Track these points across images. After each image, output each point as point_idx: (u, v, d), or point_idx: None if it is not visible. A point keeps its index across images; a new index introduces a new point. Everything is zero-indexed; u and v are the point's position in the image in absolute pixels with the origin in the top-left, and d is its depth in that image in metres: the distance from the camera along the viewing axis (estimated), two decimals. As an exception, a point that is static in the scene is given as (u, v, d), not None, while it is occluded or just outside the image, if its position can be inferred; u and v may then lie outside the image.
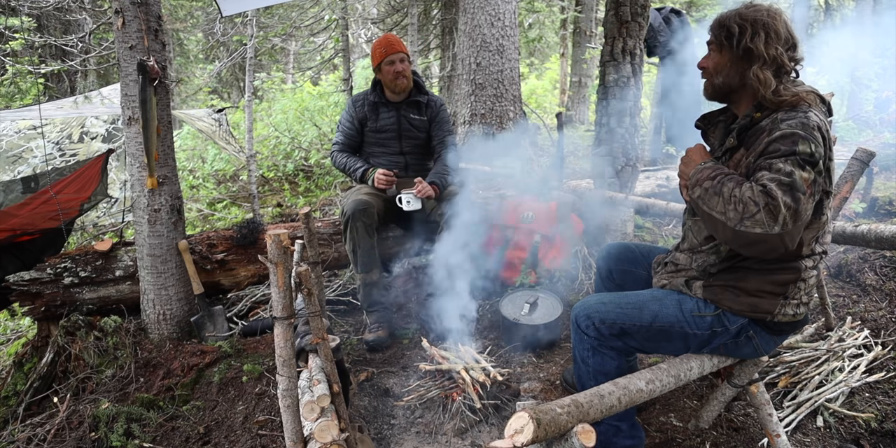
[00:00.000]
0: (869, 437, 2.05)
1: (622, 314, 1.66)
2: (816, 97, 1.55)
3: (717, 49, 1.61)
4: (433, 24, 9.25)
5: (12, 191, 3.29)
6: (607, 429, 1.74)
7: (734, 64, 1.58)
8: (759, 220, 1.38)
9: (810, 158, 1.41)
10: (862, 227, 2.22)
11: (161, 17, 2.71)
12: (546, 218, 3.22)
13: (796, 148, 1.41)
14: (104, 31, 7.33)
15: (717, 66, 1.61)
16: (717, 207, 1.47)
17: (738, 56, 1.56)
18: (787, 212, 1.37)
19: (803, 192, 1.39)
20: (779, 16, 1.54)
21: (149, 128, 2.63)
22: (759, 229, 1.39)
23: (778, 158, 1.42)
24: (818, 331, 2.60)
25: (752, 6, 1.56)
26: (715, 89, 1.66)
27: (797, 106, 1.50)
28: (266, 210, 6.12)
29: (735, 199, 1.43)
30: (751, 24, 1.53)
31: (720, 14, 1.61)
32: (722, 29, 1.58)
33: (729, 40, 1.56)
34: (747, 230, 1.40)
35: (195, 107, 10.75)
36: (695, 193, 1.55)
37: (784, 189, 1.38)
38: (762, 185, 1.41)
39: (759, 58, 1.52)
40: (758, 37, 1.51)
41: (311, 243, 2.34)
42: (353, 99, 3.15)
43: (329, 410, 1.56)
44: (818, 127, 1.45)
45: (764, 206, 1.38)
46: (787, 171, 1.40)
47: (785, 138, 1.43)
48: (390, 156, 3.14)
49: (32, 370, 2.73)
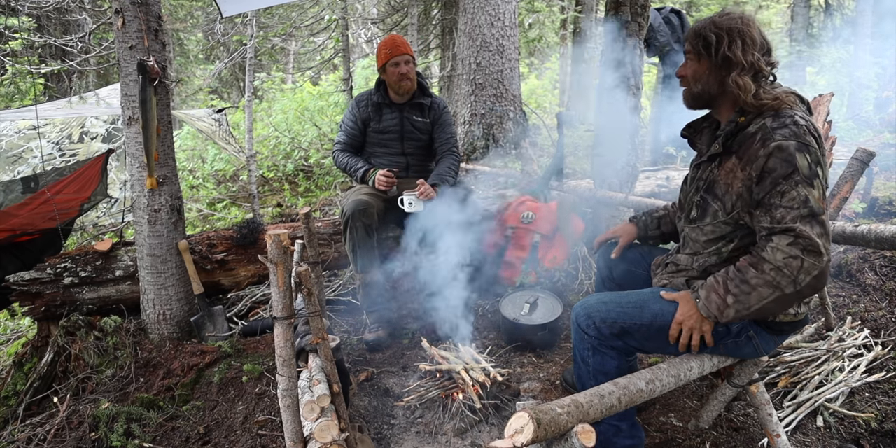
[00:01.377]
0: (869, 437, 2.06)
1: (623, 313, 1.66)
2: (796, 98, 1.57)
3: (696, 58, 1.63)
4: (433, 24, 9.24)
5: (12, 191, 3.29)
6: (607, 428, 1.74)
7: (713, 72, 1.60)
8: (809, 265, 1.40)
9: (812, 172, 1.43)
10: (862, 227, 2.21)
11: (161, 17, 2.71)
12: (546, 218, 3.22)
13: (797, 164, 1.43)
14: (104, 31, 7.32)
15: (696, 75, 1.63)
16: (766, 293, 1.46)
17: (716, 64, 1.58)
18: (823, 240, 1.40)
19: (822, 211, 1.42)
20: (752, 22, 1.56)
21: (149, 128, 2.63)
22: (815, 271, 1.41)
23: (785, 183, 1.43)
24: (818, 331, 2.60)
25: (725, 14, 1.58)
26: (694, 97, 1.68)
27: (780, 110, 1.52)
28: (266, 210, 6.12)
29: (773, 271, 1.43)
30: (727, 32, 1.55)
31: (695, 24, 1.63)
32: (699, 38, 1.60)
33: (707, 49, 1.58)
34: (807, 280, 1.41)
35: (195, 107, 10.76)
36: (733, 312, 1.51)
37: (808, 222, 1.41)
38: (788, 230, 1.42)
39: (737, 65, 1.54)
40: (735, 44, 1.53)
41: (311, 243, 2.34)
42: (356, 99, 3.15)
43: (329, 410, 1.56)
44: (808, 129, 1.47)
45: (804, 252, 1.40)
46: (801, 199, 1.42)
47: (782, 151, 1.44)
48: (392, 156, 3.14)
49: (32, 370, 2.73)
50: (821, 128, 2.79)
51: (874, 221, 3.39)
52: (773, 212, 1.46)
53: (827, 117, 2.84)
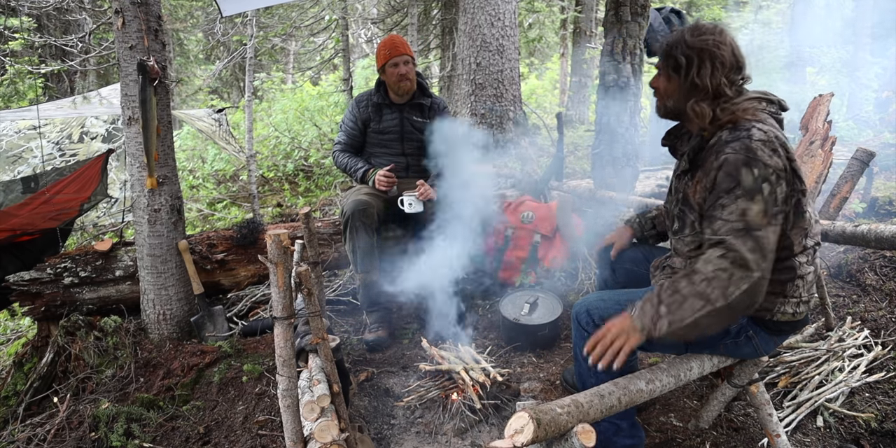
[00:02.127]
0: (869, 437, 2.05)
1: (622, 311, 1.66)
2: (764, 103, 1.57)
3: (666, 76, 1.64)
4: (433, 24, 9.24)
5: (12, 191, 3.29)
6: (607, 427, 1.74)
7: (681, 93, 1.61)
8: (737, 279, 1.37)
9: (756, 186, 1.41)
10: (862, 227, 2.21)
11: (161, 17, 2.71)
12: (546, 218, 3.22)
13: (740, 178, 1.42)
14: (104, 31, 7.32)
15: (667, 92, 1.65)
16: (698, 305, 1.39)
17: (685, 87, 1.59)
18: (755, 255, 1.38)
19: (760, 226, 1.40)
20: (725, 39, 1.55)
21: (149, 128, 2.63)
22: (745, 285, 1.37)
23: (727, 196, 1.44)
24: (818, 331, 2.60)
25: (698, 32, 1.56)
26: (667, 110, 1.70)
27: (738, 123, 1.52)
28: (266, 210, 6.12)
29: (703, 282, 1.39)
30: (697, 54, 1.54)
31: (668, 39, 1.62)
32: (670, 59, 1.60)
33: (676, 71, 1.58)
34: (738, 294, 1.37)
35: (195, 107, 10.75)
36: (666, 324, 1.42)
37: (740, 235, 1.40)
38: (720, 242, 1.41)
39: (701, 90, 1.55)
40: (704, 68, 1.54)
41: (311, 243, 2.34)
42: (356, 99, 3.15)
43: (329, 410, 1.56)
44: (764, 140, 1.45)
45: (732, 264, 1.38)
46: (739, 212, 1.41)
47: (728, 165, 1.45)
48: (392, 157, 3.14)
49: (32, 370, 2.73)
50: (821, 128, 2.79)
51: (874, 221, 3.39)
52: (713, 224, 1.46)
53: (827, 117, 2.84)
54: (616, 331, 1.49)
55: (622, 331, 1.48)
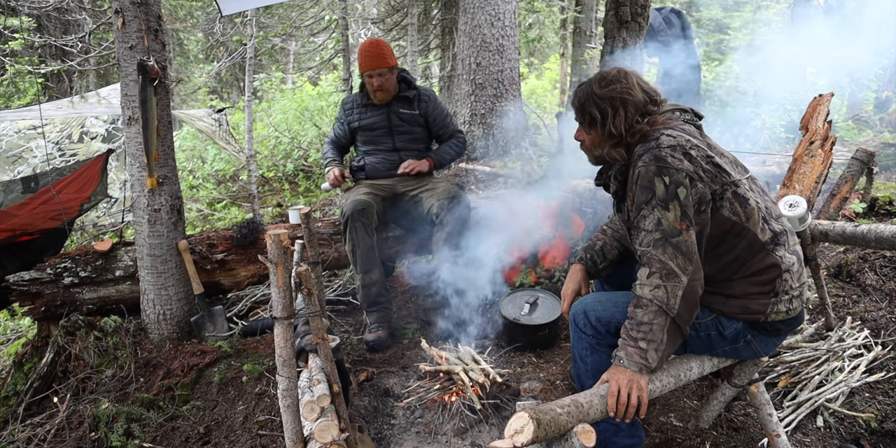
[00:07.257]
0: (869, 437, 2.06)
1: (618, 312, 1.67)
2: (674, 113, 1.64)
3: (587, 130, 1.70)
4: (433, 24, 9.24)
5: (12, 191, 3.29)
6: (607, 427, 1.74)
7: (605, 141, 1.67)
8: (672, 289, 1.45)
9: (669, 194, 1.46)
10: (862, 227, 2.21)
11: (161, 17, 2.71)
12: (546, 218, 3.22)
13: (654, 188, 1.48)
14: (104, 31, 7.31)
15: (592, 143, 1.72)
16: (661, 321, 1.47)
17: (605, 136, 1.66)
18: (677, 260, 1.45)
19: (676, 233, 1.45)
20: (631, 82, 1.62)
21: (149, 128, 2.63)
22: (679, 291, 1.45)
23: (646, 207, 1.50)
24: (818, 331, 2.60)
25: (605, 83, 1.63)
26: (597, 160, 1.77)
27: (647, 135, 1.58)
28: (266, 210, 6.12)
29: (650, 304, 1.47)
30: (609, 103, 1.61)
31: (578, 95, 1.69)
32: (584, 115, 1.67)
33: (593, 125, 1.66)
34: (679, 303, 1.46)
35: (195, 107, 10.76)
36: (654, 354, 1.48)
37: (660, 245, 1.46)
38: (643, 256, 1.50)
39: (617, 136, 1.62)
40: (618, 116, 1.61)
41: (311, 243, 2.34)
42: (342, 102, 3.24)
43: (329, 410, 1.56)
44: (673, 146, 1.50)
45: (662, 278, 1.46)
46: (655, 222, 1.47)
47: (642, 178, 1.51)
48: (385, 153, 3.14)
49: (32, 370, 2.73)
50: (821, 128, 2.79)
51: (874, 221, 3.39)
52: (639, 235, 1.52)
53: (827, 117, 2.83)
54: (625, 387, 1.48)
55: (629, 382, 1.49)
